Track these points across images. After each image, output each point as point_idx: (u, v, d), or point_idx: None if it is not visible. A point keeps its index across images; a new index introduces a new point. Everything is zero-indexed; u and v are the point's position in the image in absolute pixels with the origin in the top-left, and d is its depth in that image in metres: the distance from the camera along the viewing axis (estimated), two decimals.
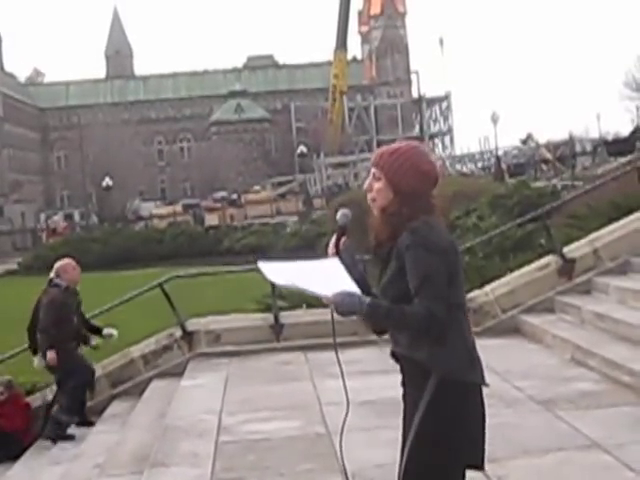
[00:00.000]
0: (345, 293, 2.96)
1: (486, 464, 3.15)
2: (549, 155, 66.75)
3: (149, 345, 10.08)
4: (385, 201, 3.13)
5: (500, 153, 68.69)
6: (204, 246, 39.78)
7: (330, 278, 3.01)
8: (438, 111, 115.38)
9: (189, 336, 10.05)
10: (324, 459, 5.83)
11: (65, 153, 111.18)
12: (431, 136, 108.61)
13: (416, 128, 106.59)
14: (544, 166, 65.38)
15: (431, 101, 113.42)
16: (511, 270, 10.36)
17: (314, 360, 9.17)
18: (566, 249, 9.93)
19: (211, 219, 57.57)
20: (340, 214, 3.21)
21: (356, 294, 2.98)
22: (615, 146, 48.90)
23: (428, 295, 2.95)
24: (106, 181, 66.86)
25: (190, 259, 34.26)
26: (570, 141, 69.62)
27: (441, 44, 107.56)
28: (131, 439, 7.61)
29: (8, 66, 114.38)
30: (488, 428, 3.13)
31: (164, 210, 72.00)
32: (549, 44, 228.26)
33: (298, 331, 9.97)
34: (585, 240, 10.05)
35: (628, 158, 29.80)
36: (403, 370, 3.19)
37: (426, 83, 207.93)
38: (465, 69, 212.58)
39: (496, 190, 20.37)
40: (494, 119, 67.00)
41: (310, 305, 10.21)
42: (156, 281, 10.39)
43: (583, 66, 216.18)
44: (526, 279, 9.89)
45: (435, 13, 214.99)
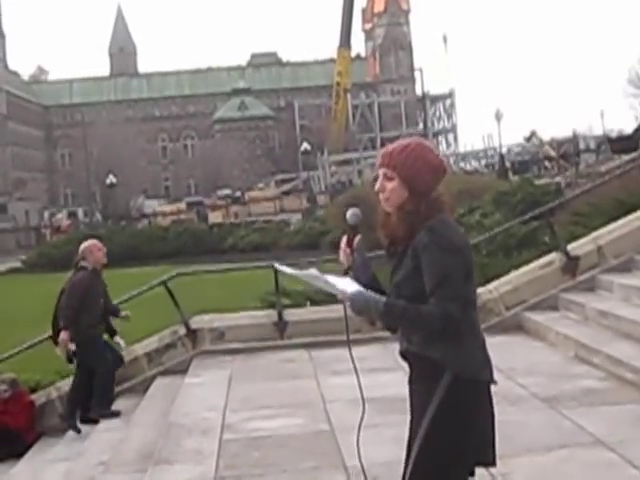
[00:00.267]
0: (362, 291, 2.97)
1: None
2: (553, 152, 66.81)
3: (153, 343, 10.08)
4: (400, 200, 3.09)
5: (504, 151, 68.71)
6: (208, 244, 39.69)
7: (343, 281, 3.03)
8: (442, 109, 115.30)
9: (193, 334, 10.06)
10: (328, 456, 5.83)
11: (69, 151, 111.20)
12: (435, 134, 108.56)
13: (420, 126, 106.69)
14: (548, 164, 65.47)
15: (435, 99, 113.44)
16: (515, 268, 10.34)
17: (318, 357, 9.18)
18: (570, 247, 9.91)
19: (215, 217, 57.69)
20: (350, 213, 3.19)
21: (372, 293, 2.98)
22: (619, 143, 48.65)
23: (445, 295, 2.94)
24: (110, 179, 66.80)
25: (194, 257, 34.17)
26: (574, 138, 69.66)
27: (445, 41, 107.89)
28: (135, 437, 7.62)
29: (12, 64, 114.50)
30: None
31: (168, 208, 72.14)
32: (553, 41, 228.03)
33: (302, 329, 9.96)
34: (589, 238, 10.03)
35: (632, 156, 29.69)
36: (412, 368, 3.17)
37: (430, 81, 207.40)
38: (469, 67, 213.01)
39: (500, 188, 20.39)
40: (498, 117, 66.91)
41: (314, 302, 10.22)
42: (160, 279, 10.39)
43: (587, 63, 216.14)
44: (530, 277, 9.88)
45: (438, 10, 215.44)
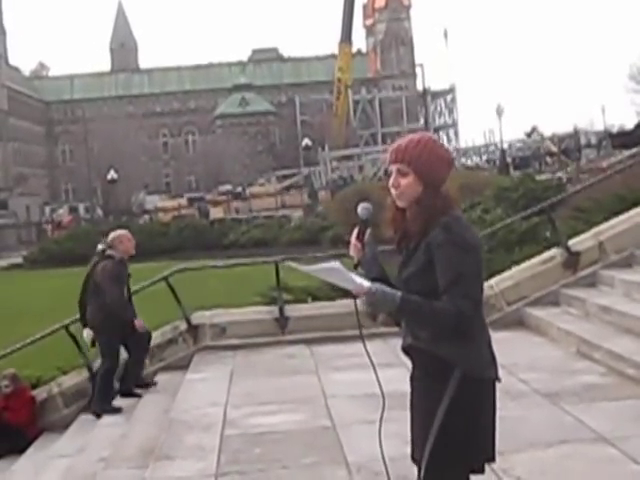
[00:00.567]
0: (381, 285, 2.97)
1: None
2: (554, 148, 66.82)
3: (154, 338, 10.04)
4: (415, 194, 3.07)
5: (505, 146, 68.66)
6: (209, 239, 39.66)
7: (355, 275, 3.01)
8: (443, 104, 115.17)
9: (194, 329, 10.07)
10: (329, 452, 5.84)
11: (70, 146, 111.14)
12: (436, 129, 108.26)
13: (421, 121, 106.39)
14: (549, 159, 65.46)
15: (436, 94, 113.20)
16: (516, 263, 10.33)
17: (319, 353, 9.19)
18: (571, 242, 9.91)
19: (216, 212, 57.61)
20: (361, 208, 3.17)
21: (388, 288, 2.98)
22: (620, 139, 48.71)
23: (459, 293, 2.95)
24: (111, 174, 66.73)
25: (195, 252, 34.19)
26: (575, 134, 69.66)
27: (446, 37, 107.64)
28: (136, 432, 7.62)
29: (13, 60, 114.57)
30: None
31: (169, 203, 72.04)
32: (554, 37, 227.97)
33: (303, 324, 9.95)
34: (590, 233, 10.03)
35: (633, 151, 29.70)
36: (415, 364, 3.16)
37: (431, 76, 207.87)
38: (470, 62, 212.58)
39: (501, 183, 20.39)
40: (499, 112, 66.84)
41: (315, 298, 10.21)
42: (161, 274, 10.39)
43: (588, 59, 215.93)
44: (531, 272, 9.87)
45: (439, 6, 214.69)
